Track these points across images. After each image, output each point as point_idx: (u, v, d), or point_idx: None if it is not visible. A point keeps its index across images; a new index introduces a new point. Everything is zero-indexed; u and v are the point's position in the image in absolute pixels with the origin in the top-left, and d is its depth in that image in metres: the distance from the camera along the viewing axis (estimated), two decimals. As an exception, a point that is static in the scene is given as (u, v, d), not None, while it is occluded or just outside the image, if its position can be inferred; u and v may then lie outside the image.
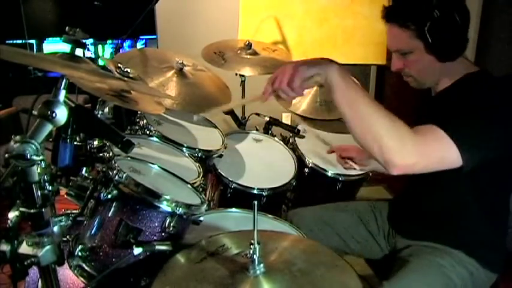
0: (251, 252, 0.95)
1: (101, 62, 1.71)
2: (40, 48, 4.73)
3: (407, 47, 1.23)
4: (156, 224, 1.19)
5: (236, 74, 2.32)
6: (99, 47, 4.42)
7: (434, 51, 1.21)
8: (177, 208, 1.19)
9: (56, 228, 0.96)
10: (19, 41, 4.54)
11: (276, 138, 2.17)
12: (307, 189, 2.01)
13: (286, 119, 3.14)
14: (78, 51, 1.09)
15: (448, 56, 1.23)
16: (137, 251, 1.13)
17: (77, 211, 1.26)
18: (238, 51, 2.27)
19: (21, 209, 0.91)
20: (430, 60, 1.24)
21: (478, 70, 1.27)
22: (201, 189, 1.50)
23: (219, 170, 1.84)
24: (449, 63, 1.24)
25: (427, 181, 1.33)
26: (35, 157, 0.85)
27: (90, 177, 1.39)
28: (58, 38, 4.74)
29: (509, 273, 1.38)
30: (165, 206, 1.18)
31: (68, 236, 1.23)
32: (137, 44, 4.07)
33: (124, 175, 1.18)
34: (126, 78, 1.36)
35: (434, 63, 1.24)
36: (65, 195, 1.33)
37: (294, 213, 1.67)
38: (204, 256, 1.04)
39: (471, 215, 1.23)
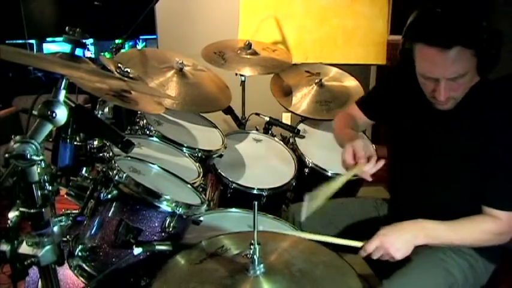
0: (251, 252, 0.95)
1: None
2: (40, 48, 4.73)
3: (466, 69, 1.13)
4: (156, 224, 1.19)
5: (236, 74, 2.31)
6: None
7: (484, 67, 1.16)
8: (177, 208, 1.19)
9: (56, 228, 0.96)
10: (19, 41, 4.54)
11: (276, 138, 2.17)
12: (307, 189, 2.01)
13: (286, 119, 3.14)
14: (78, 51, 1.09)
15: (491, 70, 1.18)
16: (137, 251, 1.13)
17: (77, 211, 1.27)
18: (238, 51, 2.28)
19: (21, 209, 0.91)
20: (473, 77, 1.19)
21: (479, 80, 1.24)
22: (201, 189, 1.50)
23: (219, 170, 1.84)
24: None
25: (426, 178, 1.34)
26: (35, 157, 0.85)
27: (90, 177, 1.39)
28: (58, 38, 4.74)
29: (509, 271, 1.38)
30: (165, 206, 1.18)
31: (68, 236, 1.23)
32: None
33: (124, 175, 1.18)
34: (126, 78, 1.36)
35: (474, 78, 1.20)
36: (65, 195, 1.33)
37: (295, 207, 1.66)
38: (203, 257, 1.04)
39: (470, 207, 1.24)
